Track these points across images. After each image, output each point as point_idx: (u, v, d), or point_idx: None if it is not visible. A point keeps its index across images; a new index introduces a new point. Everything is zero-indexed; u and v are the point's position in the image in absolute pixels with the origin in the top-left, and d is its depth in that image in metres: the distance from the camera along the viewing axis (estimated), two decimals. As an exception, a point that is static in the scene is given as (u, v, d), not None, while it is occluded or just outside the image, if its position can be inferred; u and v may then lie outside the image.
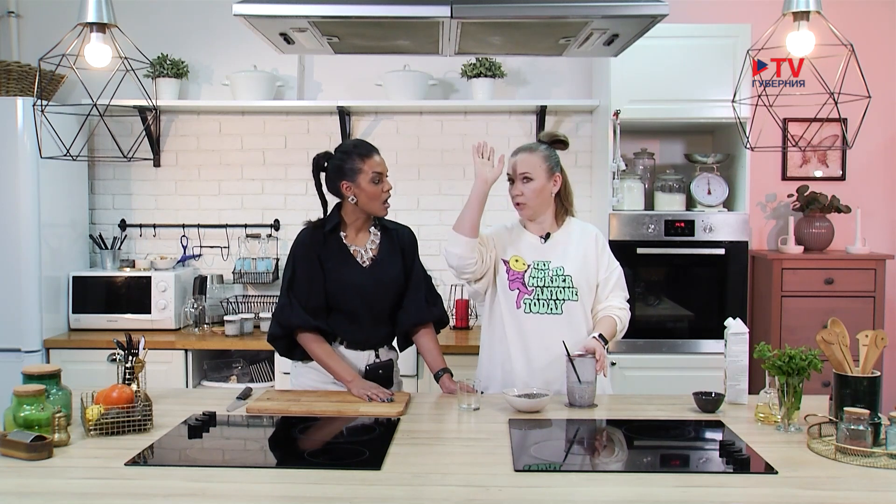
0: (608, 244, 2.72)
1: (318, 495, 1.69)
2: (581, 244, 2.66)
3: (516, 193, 2.61)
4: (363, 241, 2.66)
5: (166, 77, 4.07)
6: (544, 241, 2.65)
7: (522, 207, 2.63)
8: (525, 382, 2.53)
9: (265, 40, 2.32)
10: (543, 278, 2.59)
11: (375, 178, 2.55)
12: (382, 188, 2.57)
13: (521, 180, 2.59)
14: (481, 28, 2.21)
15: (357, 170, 2.54)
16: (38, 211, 3.73)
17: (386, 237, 2.69)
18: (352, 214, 2.63)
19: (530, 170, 2.58)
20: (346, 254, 2.61)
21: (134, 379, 2.25)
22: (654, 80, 3.66)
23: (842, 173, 4.19)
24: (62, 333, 3.90)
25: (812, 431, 2.06)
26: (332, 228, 2.62)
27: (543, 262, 2.61)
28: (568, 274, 2.59)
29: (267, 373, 3.87)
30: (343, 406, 2.36)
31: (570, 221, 2.71)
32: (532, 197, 2.60)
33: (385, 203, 2.60)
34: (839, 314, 2.59)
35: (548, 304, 2.58)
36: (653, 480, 1.78)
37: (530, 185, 2.59)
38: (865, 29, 4.08)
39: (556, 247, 2.64)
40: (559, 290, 2.59)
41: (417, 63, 4.11)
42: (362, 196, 2.56)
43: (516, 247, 2.65)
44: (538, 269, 2.60)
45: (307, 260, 2.58)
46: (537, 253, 2.63)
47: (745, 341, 2.42)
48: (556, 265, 2.60)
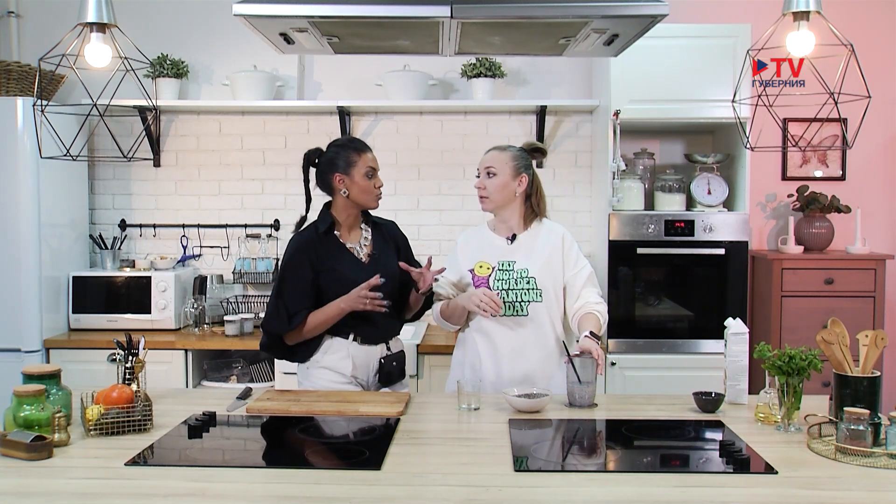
0: (576, 244, 2.75)
1: (318, 495, 1.69)
2: (547, 245, 2.69)
3: (479, 186, 2.69)
4: (357, 238, 2.69)
5: (166, 77, 4.07)
6: (510, 242, 2.70)
7: (484, 201, 2.70)
8: (493, 384, 2.60)
9: (265, 40, 2.32)
10: (508, 280, 2.63)
11: (369, 173, 2.61)
12: (375, 183, 2.63)
13: (486, 174, 2.67)
14: (481, 28, 2.21)
15: (352, 163, 2.60)
16: (38, 211, 3.73)
17: (377, 232, 2.73)
18: (343, 212, 2.65)
19: (495, 165, 2.67)
20: (344, 252, 2.63)
21: (134, 379, 2.25)
22: (654, 80, 3.66)
23: (842, 173, 4.19)
24: (62, 333, 3.90)
25: (812, 431, 2.06)
26: (327, 229, 2.63)
27: (509, 262, 2.66)
28: (532, 276, 2.63)
29: (267, 373, 3.87)
30: (343, 406, 2.36)
31: (538, 223, 2.75)
32: (494, 191, 2.66)
33: (377, 196, 2.65)
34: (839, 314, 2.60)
35: (513, 306, 2.63)
36: (653, 480, 1.78)
37: (494, 179, 2.66)
38: (865, 29, 4.08)
39: (521, 247, 2.69)
40: (524, 293, 2.63)
41: (417, 63, 4.11)
42: (354, 189, 2.60)
43: (482, 251, 2.71)
44: (503, 269, 2.65)
45: (299, 266, 2.60)
46: (502, 253, 2.69)
47: (745, 341, 2.42)
48: (521, 266, 2.65)
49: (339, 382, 2.63)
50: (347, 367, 2.63)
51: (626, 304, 3.72)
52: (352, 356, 2.63)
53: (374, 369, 2.66)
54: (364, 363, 2.65)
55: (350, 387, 2.63)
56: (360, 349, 2.63)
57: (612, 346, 3.68)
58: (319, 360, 2.64)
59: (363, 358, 2.64)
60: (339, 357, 2.63)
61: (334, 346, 2.64)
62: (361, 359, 2.64)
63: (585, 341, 2.48)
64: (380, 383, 2.68)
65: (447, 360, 3.58)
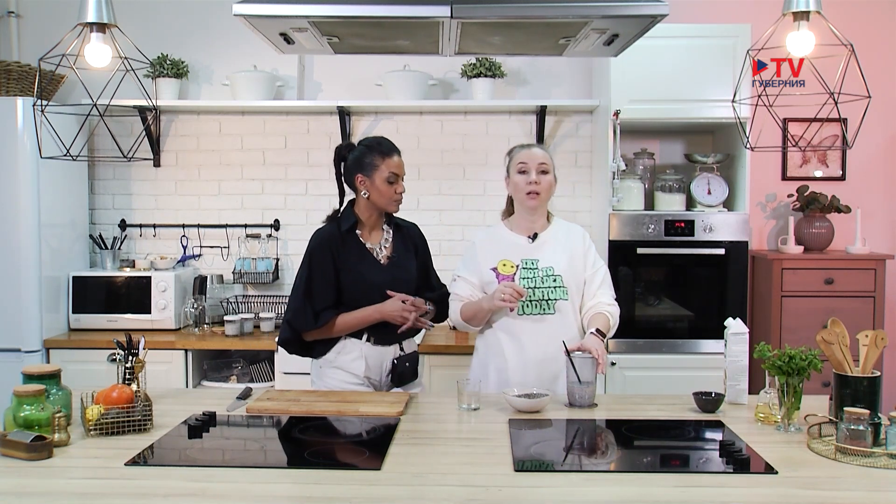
0: (594, 245, 2.75)
1: (318, 495, 1.69)
2: (568, 243, 2.69)
3: (533, 181, 2.63)
4: (377, 239, 2.69)
5: (166, 77, 4.07)
6: (532, 241, 2.68)
7: (534, 197, 2.65)
8: (521, 384, 2.53)
9: (265, 40, 2.32)
10: (534, 279, 2.62)
11: (391, 178, 2.61)
12: (396, 189, 2.63)
13: (540, 171, 2.65)
14: (481, 28, 2.21)
15: (375, 166, 2.60)
16: (38, 211, 3.73)
17: (398, 234, 2.74)
18: (365, 211, 2.66)
19: (548, 163, 2.67)
20: (364, 252, 2.64)
21: (134, 379, 2.25)
22: (654, 80, 3.66)
23: (842, 173, 4.19)
24: (62, 333, 3.90)
25: (812, 431, 2.06)
26: (349, 228, 2.63)
27: (532, 260, 2.64)
28: (558, 274, 2.62)
29: (267, 373, 3.87)
30: (343, 406, 2.36)
31: (555, 222, 2.75)
32: (546, 188, 2.66)
33: (397, 202, 2.65)
34: (839, 314, 2.60)
35: (540, 304, 2.60)
36: (653, 480, 1.79)
37: (548, 177, 2.66)
38: (865, 29, 4.08)
39: (542, 246, 2.68)
40: (550, 290, 2.61)
41: (417, 63, 4.11)
42: (374, 192, 2.61)
43: (503, 250, 2.68)
44: (527, 268, 2.63)
45: (324, 262, 2.60)
46: (525, 252, 2.66)
47: (745, 341, 2.42)
48: (545, 265, 2.63)
49: (352, 383, 2.63)
50: (360, 368, 2.63)
51: (626, 304, 3.69)
52: (365, 356, 2.63)
53: (387, 370, 2.66)
54: (377, 363, 2.65)
55: (362, 388, 2.63)
56: (373, 349, 2.64)
57: (612, 346, 3.67)
58: (333, 360, 2.65)
59: (376, 358, 2.64)
60: (352, 357, 2.63)
61: (348, 347, 2.64)
62: (374, 359, 2.64)
63: (589, 338, 2.48)
64: (392, 383, 2.68)
65: (447, 360, 3.61)
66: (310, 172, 4.28)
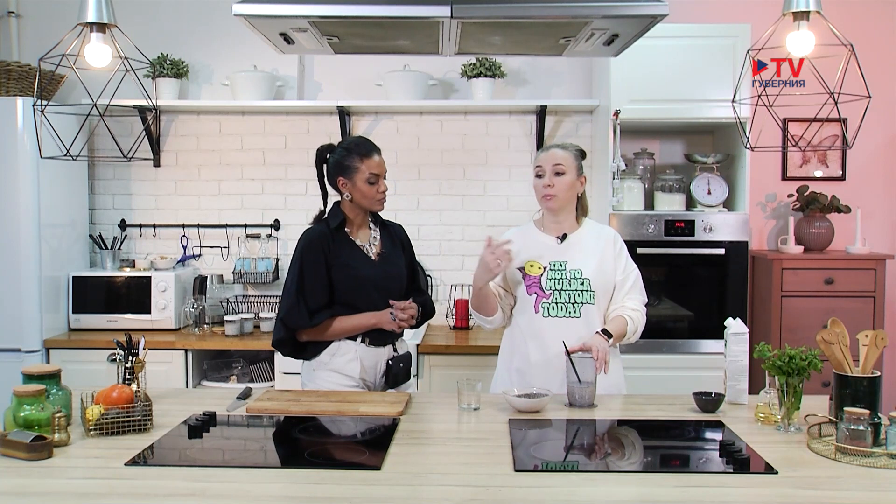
0: (626, 247, 2.70)
1: (318, 495, 1.69)
2: (598, 246, 2.65)
3: (547, 184, 2.60)
4: (366, 237, 2.70)
5: (166, 77, 4.08)
6: (560, 242, 2.65)
7: (551, 199, 2.61)
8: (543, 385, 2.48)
9: (265, 40, 2.32)
10: (561, 280, 2.59)
11: (371, 179, 2.60)
12: (378, 189, 2.62)
13: (554, 173, 2.60)
14: (481, 28, 2.21)
15: (354, 168, 2.59)
16: (38, 211, 3.73)
17: (385, 233, 2.75)
18: (351, 211, 2.67)
19: (564, 163, 2.61)
20: (355, 248, 2.65)
21: (134, 379, 2.24)
22: (654, 80, 3.66)
23: (842, 173, 4.19)
24: (62, 333, 3.90)
25: (812, 431, 2.06)
26: (339, 226, 2.63)
27: (560, 262, 2.61)
28: (586, 277, 2.58)
29: (267, 373, 3.87)
30: (343, 406, 2.36)
31: (585, 223, 2.72)
32: (562, 190, 2.60)
33: (380, 201, 2.65)
34: (839, 314, 2.59)
35: (566, 307, 2.57)
36: (653, 480, 1.78)
37: (563, 178, 2.60)
38: (865, 29, 4.08)
39: (572, 248, 2.64)
40: (577, 294, 2.58)
41: (417, 63, 4.11)
42: (357, 194, 2.62)
43: (531, 250, 2.64)
44: (555, 269, 2.60)
45: (315, 260, 2.60)
46: (554, 253, 2.63)
47: (745, 341, 2.42)
48: (574, 267, 2.60)
49: (347, 385, 2.63)
50: (356, 370, 2.63)
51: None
52: (360, 358, 2.63)
53: (382, 371, 2.66)
54: (372, 365, 2.65)
55: (357, 389, 2.63)
56: (368, 351, 2.64)
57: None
58: (327, 363, 2.64)
59: (371, 360, 2.65)
60: (347, 359, 2.63)
61: (343, 349, 2.64)
62: (370, 360, 2.64)
63: (593, 337, 2.47)
64: (387, 385, 2.68)
65: (447, 361, 3.61)
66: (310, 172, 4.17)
